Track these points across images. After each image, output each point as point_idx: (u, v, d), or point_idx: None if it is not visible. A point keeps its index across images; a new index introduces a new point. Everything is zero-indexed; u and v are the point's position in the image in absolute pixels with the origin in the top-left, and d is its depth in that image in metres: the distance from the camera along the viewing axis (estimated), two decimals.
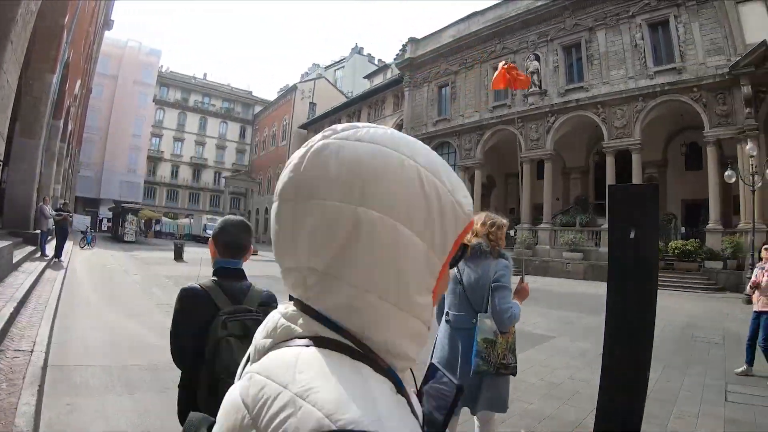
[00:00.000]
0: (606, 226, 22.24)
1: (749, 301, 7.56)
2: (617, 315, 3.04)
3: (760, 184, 17.36)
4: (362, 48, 66.06)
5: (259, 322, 1.33)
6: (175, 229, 55.62)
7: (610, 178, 22.88)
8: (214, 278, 2.10)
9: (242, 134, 67.65)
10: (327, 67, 66.09)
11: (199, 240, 46.75)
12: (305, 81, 58.25)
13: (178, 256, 22.52)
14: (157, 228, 54.82)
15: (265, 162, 59.89)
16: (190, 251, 24.97)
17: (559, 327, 10.46)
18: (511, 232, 26.41)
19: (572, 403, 5.43)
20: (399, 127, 36.66)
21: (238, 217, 2.25)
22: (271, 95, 74.09)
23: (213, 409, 1.15)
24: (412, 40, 35.03)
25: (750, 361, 6.88)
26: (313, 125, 49.52)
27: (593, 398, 3.16)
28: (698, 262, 19.76)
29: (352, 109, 44.31)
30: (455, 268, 2.58)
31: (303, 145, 0.64)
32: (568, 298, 15.68)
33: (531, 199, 26.92)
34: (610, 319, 3.07)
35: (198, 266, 5.35)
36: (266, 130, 60.93)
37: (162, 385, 5.03)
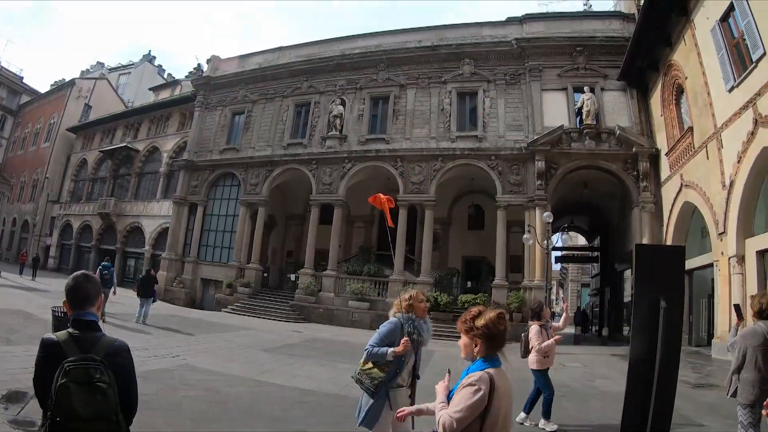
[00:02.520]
0: (394, 276, 20.90)
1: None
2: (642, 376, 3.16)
3: (552, 246, 19.10)
4: (155, 57, 56.83)
5: (102, 371, 2.00)
6: None
7: (401, 231, 21.34)
8: (69, 330, 2.21)
9: (1, 125, 52.69)
10: (112, 69, 55.62)
11: None
12: (85, 78, 47.35)
13: None
14: None
15: (21, 163, 46.38)
16: None
17: None
18: (292, 277, 24.79)
19: None
20: (181, 148, 30.78)
21: (82, 271, 2.43)
22: (44, 86, 59.90)
23: None
24: (214, 59, 29.71)
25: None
26: (84, 131, 40.29)
27: None
28: None
29: (131, 120, 36.34)
30: None
31: None
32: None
33: (315, 244, 23.66)
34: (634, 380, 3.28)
35: None
36: (30, 125, 47.10)
37: None
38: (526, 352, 7.07)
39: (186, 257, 26.95)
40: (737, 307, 5.88)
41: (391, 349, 3.90)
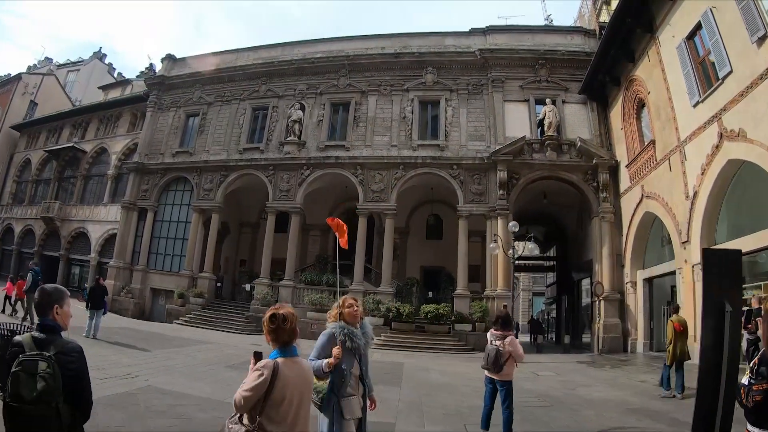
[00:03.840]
0: (353, 286, 19.97)
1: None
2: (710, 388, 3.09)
3: (517, 255, 18.87)
4: (105, 55, 52.83)
5: (50, 365, 2.42)
6: None
7: (361, 240, 20.82)
8: (32, 332, 2.64)
9: None
10: (60, 66, 52.16)
11: None
12: (32, 73, 43.54)
13: None
14: None
15: None
16: None
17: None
18: (247, 287, 23.40)
19: None
20: (131, 150, 28.90)
21: (40, 286, 2.82)
22: None
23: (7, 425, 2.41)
24: (170, 57, 28.04)
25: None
26: (29, 129, 37.51)
27: None
28: (448, 325, 19.08)
29: (79, 119, 33.87)
30: None
31: None
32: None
33: (270, 253, 22.44)
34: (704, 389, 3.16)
35: None
36: None
37: None
38: (501, 366, 6.07)
39: (135, 265, 25.18)
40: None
41: (325, 362, 3.80)
